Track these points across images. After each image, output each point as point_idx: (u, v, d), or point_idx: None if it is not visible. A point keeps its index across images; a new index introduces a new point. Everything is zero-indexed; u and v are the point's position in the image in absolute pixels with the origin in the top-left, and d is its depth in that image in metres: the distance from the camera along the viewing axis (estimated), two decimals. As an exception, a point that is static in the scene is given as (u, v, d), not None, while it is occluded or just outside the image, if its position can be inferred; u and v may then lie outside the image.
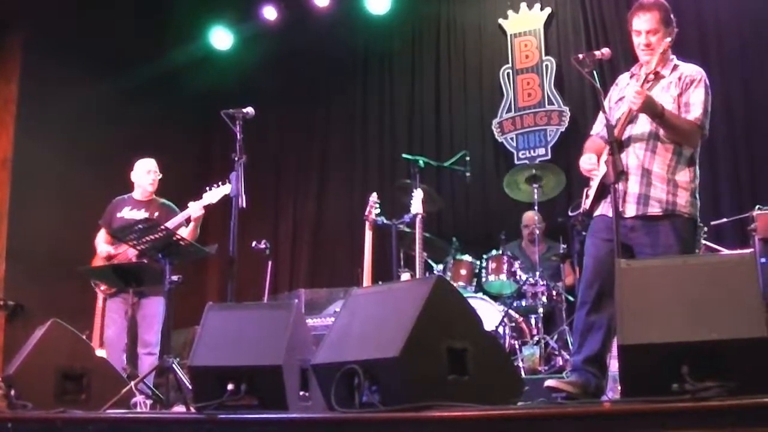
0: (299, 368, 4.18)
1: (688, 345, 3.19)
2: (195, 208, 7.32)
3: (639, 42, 5.08)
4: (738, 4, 9.20)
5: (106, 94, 10.81)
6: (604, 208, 4.99)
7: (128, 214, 7.76)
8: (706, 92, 4.96)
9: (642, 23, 5.05)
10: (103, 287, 7.58)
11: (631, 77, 5.23)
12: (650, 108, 4.75)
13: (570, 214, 6.84)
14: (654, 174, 4.86)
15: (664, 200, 4.83)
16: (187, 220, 7.34)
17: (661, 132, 4.88)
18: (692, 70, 5.03)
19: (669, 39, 4.98)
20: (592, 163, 5.05)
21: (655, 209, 4.82)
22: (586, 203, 5.17)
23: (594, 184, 5.10)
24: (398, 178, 9.53)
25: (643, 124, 4.92)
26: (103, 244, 7.70)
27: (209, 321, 4.37)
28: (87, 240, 7.85)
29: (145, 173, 7.91)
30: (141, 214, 7.70)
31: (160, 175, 7.98)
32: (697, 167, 5.01)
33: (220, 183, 7.40)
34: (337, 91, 11.97)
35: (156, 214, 7.70)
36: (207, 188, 7.41)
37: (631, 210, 4.86)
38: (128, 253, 7.46)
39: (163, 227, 6.31)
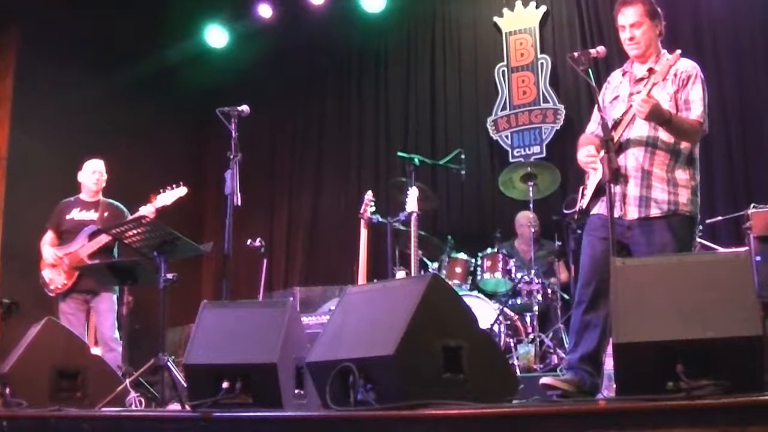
0: (294, 366, 4.19)
1: (682, 343, 3.20)
2: (147, 211, 7.29)
3: (624, 37, 5.12)
4: (733, 3, 9.21)
5: (101, 92, 10.80)
6: (601, 207, 4.97)
7: (78, 215, 7.82)
8: (703, 88, 4.97)
9: (625, 18, 5.09)
10: (52, 287, 7.59)
11: (623, 75, 5.24)
12: (657, 116, 4.73)
13: (564, 211, 6.84)
14: (654, 175, 4.86)
15: (665, 200, 4.82)
16: None
17: (660, 132, 4.88)
18: (687, 66, 5.02)
19: (679, 51, 4.96)
20: (590, 155, 5.03)
21: (656, 211, 4.82)
22: (583, 202, 5.16)
23: (591, 183, 5.09)
24: (393, 176, 9.54)
25: (641, 126, 4.91)
26: (48, 247, 7.74)
27: (204, 319, 4.37)
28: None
29: (90, 173, 7.95)
30: (90, 215, 7.79)
31: (105, 177, 8.01)
32: (698, 165, 5.01)
33: (174, 185, 7.41)
34: (332, 89, 11.97)
35: (105, 214, 7.75)
36: (161, 190, 7.40)
37: (632, 213, 4.85)
38: (80, 253, 7.50)
39: (157, 222, 6.33)
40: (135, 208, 7.46)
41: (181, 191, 7.44)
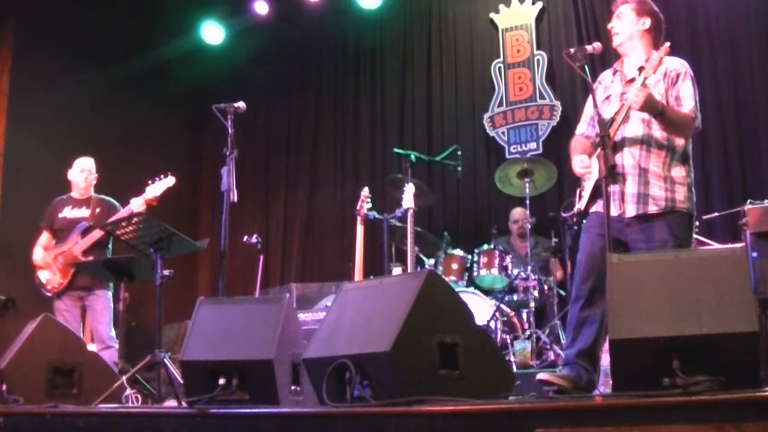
0: (290, 362, 4.19)
1: (679, 339, 3.20)
2: (137, 204, 7.30)
3: (609, 27, 5.26)
4: (729, 1, 9.21)
5: (97, 88, 10.81)
6: (600, 206, 4.96)
7: (70, 213, 7.84)
8: (693, 84, 4.99)
9: (614, 10, 5.23)
10: (49, 287, 7.59)
11: (614, 74, 5.25)
12: (651, 106, 4.73)
13: (562, 215, 6.84)
14: (651, 172, 4.86)
15: (662, 197, 4.83)
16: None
17: (654, 130, 4.89)
18: (676, 64, 5.04)
19: (668, 44, 4.97)
20: (585, 166, 5.05)
21: (653, 208, 4.83)
22: (580, 204, 5.16)
23: (588, 184, 5.10)
24: (389, 173, 9.53)
25: (636, 124, 4.92)
26: (39, 249, 7.75)
27: (200, 315, 4.36)
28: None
29: (79, 172, 7.96)
30: (82, 212, 7.80)
31: (95, 174, 8.02)
32: (691, 162, 5.02)
33: (162, 176, 7.41)
34: (328, 85, 11.96)
35: (97, 210, 7.77)
36: (149, 181, 7.40)
37: (630, 210, 4.85)
38: (74, 251, 7.50)
39: (152, 218, 6.32)
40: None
41: (169, 181, 7.43)
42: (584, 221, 5.17)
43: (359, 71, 11.72)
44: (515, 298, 8.35)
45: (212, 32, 11.75)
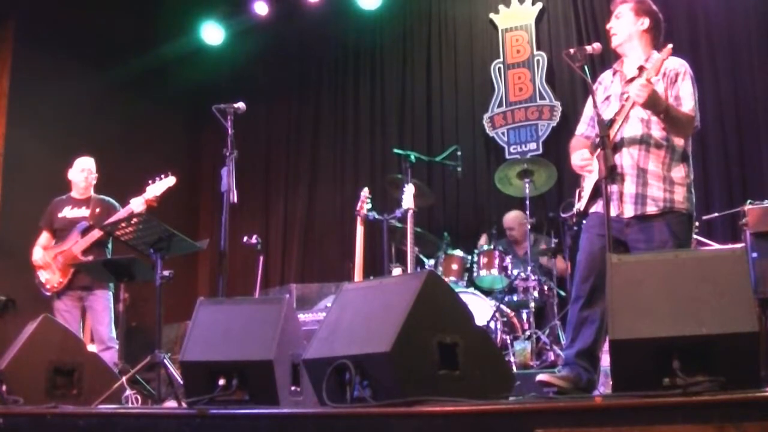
0: (290, 363, 4.19)
1: (679, 339, 3.19)
2: (137, 203, 7.30)
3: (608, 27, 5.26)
4: (729, 1, 9.21)
5: (97, 88, 10.82)
6: (599, 206, 4.94)
7: (69, 213, 7.84)
8: (693, 83, 4.97)
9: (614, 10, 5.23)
10: (49, 286, 7.59)
11: (614, 74, 5.24)
12: (655, 102, 4.70)
13: (562, 215, 6.83)
14: (650, 172, 4.85)
15: (661, 198, 4.82)
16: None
17: (653, 130, 4.88)
18: (676, 64, 5.02)
19: (670, 45, 4.96)
20: (585, 159, 5.03)
21: (652, 208, 4.82)
22: (580, 204, 5.15)
23: (587, 185, 5.09)
24: (389, 173, 9.53)
25: (635, 124, 4.91)
26: (39, 250, 7.74)
27: (200, 316, 4.36)
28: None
29: (79, 171, 7.97)
30: (82, 212, 7.81)
31: (95, 174, 8.02)
32: (691, 162, 5.01)
33: (162, 176, 7.41)
34: (328, 85, 11.96)
35: (97, 210, 7.77)
36: (149, 181, 7.39)
37: (629, 210, 4.84)
38: (73, 250, 7.50)
39: (152, 218, 6.32)
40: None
41: (170, 181, 7.43)
42: (584, 221, 5.17)
43: (359, 71, 11.72)
44: (515, 298, 8.34)
45: (212, 32, 11.75)
